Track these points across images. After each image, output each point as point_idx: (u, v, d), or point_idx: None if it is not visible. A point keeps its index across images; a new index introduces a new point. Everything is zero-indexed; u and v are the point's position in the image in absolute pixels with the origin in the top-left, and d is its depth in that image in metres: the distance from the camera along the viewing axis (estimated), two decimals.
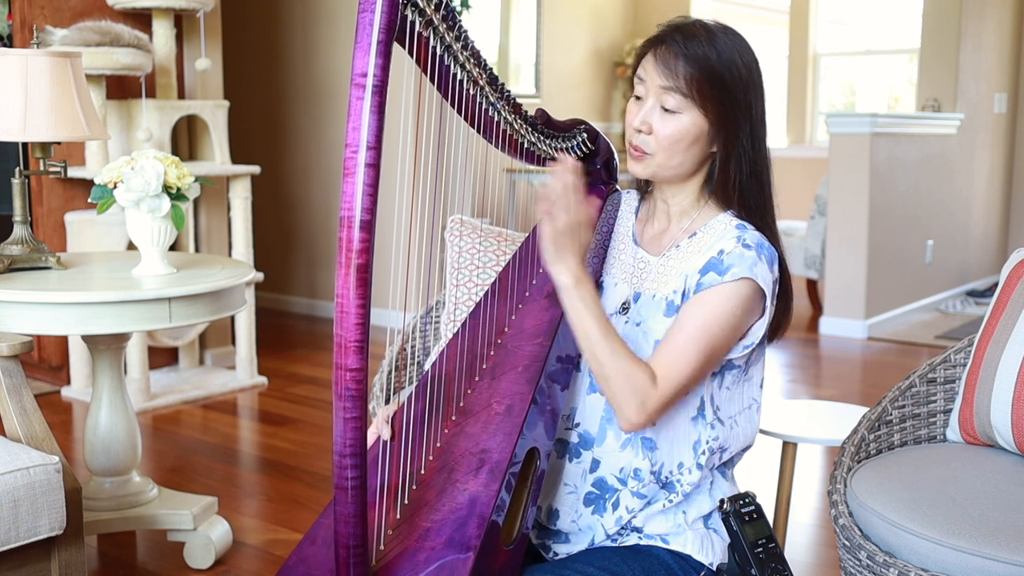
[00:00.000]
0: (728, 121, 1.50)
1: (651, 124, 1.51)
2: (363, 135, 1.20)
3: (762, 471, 3.16)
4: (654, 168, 1.54)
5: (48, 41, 3.91)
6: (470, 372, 1.57)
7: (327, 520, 1.42)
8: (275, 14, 5.99)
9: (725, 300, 1.47)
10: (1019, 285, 1.98)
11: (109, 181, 2.44)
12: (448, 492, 1.39)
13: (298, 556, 1.41)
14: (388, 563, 1.34)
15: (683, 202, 1.59)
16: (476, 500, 1.36)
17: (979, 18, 6.51)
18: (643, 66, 1.53)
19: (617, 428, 1.53)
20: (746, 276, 1.46)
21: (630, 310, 1.57)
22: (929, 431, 2.06)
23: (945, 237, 6.40)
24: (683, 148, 1.51)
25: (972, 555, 1.59)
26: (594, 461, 1.55)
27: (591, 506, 1.54)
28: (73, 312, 2.28)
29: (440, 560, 1.31)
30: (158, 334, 4.31)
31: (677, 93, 1.48)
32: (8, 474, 1.85)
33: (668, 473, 1.53)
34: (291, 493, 3.19)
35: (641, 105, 1.52)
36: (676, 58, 1.48)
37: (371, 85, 1.19)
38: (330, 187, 5.87)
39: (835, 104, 9.29)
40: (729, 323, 1.47)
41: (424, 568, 1.31)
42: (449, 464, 1.44)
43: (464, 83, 1.43)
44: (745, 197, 1.55)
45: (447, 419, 1.52)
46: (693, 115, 1.49)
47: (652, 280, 1.57)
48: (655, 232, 1.63)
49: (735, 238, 1.50)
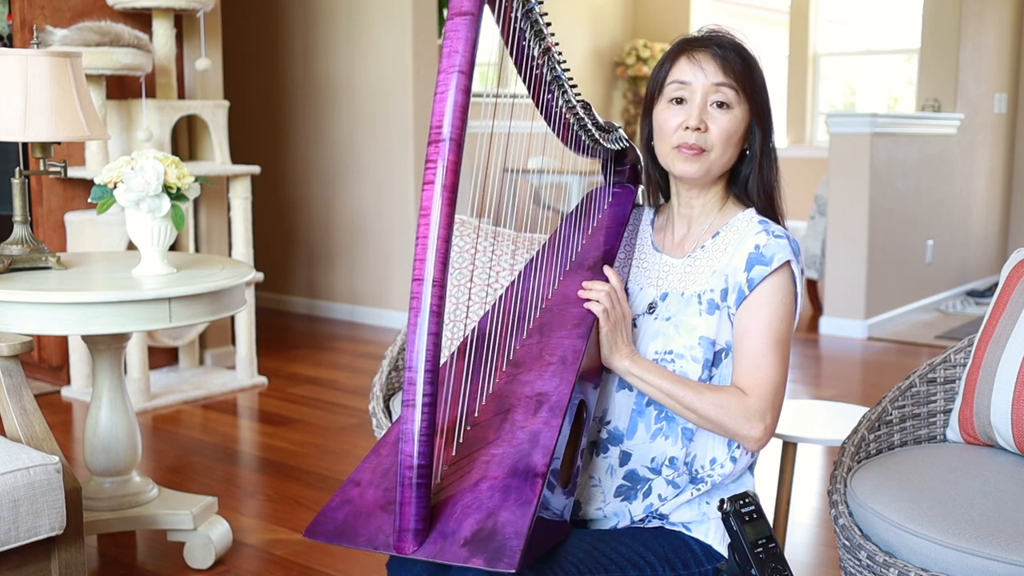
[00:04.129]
0: (764, 116, 1.59)
1: (706, 123, 1.56)
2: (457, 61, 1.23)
3: (762, 471, 3.16)
4: (709, 164, 1.59)
5: (48, 41, 3.91)
6: (518, 330, 1.59)
7: (370, 464, 1.41)
8: (275, 14, 5.99)
9: (774, 293, 1.55)
10: (1019, 285, 1.98)
11: (109, 181, 2.44)
12: (507, 429, 1.39)
13: (342, 498, 1.37)
14: (448, 494, 1.32)
15: (708, 203, 1.65)
16: (538, 435, 1.37)
17: (979, 18, 6.51)
18: (682, 68, 1.58)
19: (648, 419, 1.58)
20: (788, 259, 1.55)
21: (657, 308, 1.62)
22: (929, 431, 2.06)
23: (945, 237, 6.40)
24: (735, 142, 1.59)
25: (972, 555, 1.59)
26: (624, 454, 1.59)
27: (620, 495, 1.58)
28: (73, 312, 2.28)
29: (505, 488, 1.30)
30: (158, 334, 4.31)
31: (731, 88, 1.56)
32: (8, 474, 1.85)
33: (700, 467, 1.59)
34: (291, 493, 3.19)
35: (687, 107, 1.57)
36: (726, 52, 1.56)
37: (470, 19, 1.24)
38: (330, 187, 5.87)
39: (835, 104, 9.29)
40: (785, 313, 1.56)
41: (488, 496, 1.30)
42: (504, 407, 1.44)
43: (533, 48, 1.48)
44: (767, 189, 1.63)
45: (497, 371, 1.53)
46: (743, 108, 1.57)
47: (679, 280, 1.63)
48: (677, 238, 1.68)
49: (763, 231, 1.58)
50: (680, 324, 1.58)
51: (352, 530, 1.32)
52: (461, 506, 1.30)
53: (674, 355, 1.58)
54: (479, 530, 1.26)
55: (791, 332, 1.58)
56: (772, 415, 1.53)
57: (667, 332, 1.58)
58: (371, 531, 1.31)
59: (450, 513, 1.29)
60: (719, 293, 1.58)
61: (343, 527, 1.33)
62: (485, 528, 1.26)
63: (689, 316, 1.58)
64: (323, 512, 1.36)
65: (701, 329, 1.57)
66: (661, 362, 1.58)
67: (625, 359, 1.54)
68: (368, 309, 5.79)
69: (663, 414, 1.58)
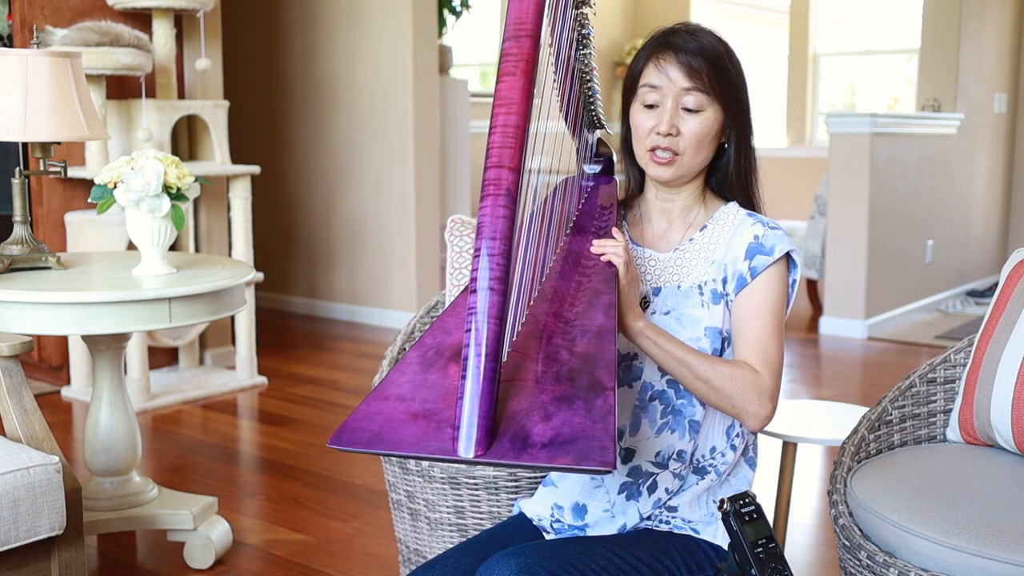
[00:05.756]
0: (739, 113, 1.59)
1: (678, 127, 1.56)
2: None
3: (762, 471, 3.16)
4: (682, 169, 1.59)
5: (48, 41, 3.91)
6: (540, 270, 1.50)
7: (396, 380, 1.23)
8: (275, 14, 5.99)
9: (776, 281, 1.57)
10: (1019, 285, 1.98)
11: (109, 181, 2.44)
12: (558, 349, 1.27)
13: (366, 412, 1.17)
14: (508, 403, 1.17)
15: (687, 199, 1.65)
16: (595, 356, 1.25)
17: (979, 18, 6.51)
18: (652, 73, 1.58)
19: (653, 414, 1.58)
20: (788, 249, 1.57)
21: (651, 304, 1.62)
22: (929, 431, 2.06)
23: (945, 237, 6.39)
24: (707, 143, 1.59)
25: (972, 555, 1.59)
26: (626, 451, 1.59)
27: (624, 492, 1.59)
28: (73, 312, 2.28)
29: (575, 399, 1.17)
30: (158, 334, 4.31)
31: (699, 92, 1.55)
32: (8, 474, 1.85)
33: (700, 457, 1.60)
34: (291, 493, 3.19)
35: (659, 111, 1.57)
36: (695, 55, 1.55)
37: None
38: (330, 187, 5.87)
39: (835, 104, 9.29)
40: (784, 300, 1.59)
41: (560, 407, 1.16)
42: (547, 333, 1.32)
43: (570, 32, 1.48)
44: (748, 184, 1.64)
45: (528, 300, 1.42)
46: (714, 110, 1.56)
47: (670, 273, 1.63)
48: (658, 232, 1.68)
49: (759, 223, 1.60)
50: (682, 317, 1.58)
51: (394, 436, 1.13)
52: (526, 412, 1.14)
53: None
54: (556, 435, 1.12)
55: (785, 317, 1.61)
56: (777, 396, 1.56)
57: (669, 326, 1.58)
58: (416, 436, 1.13)
59: (515, 419, 1.13)
60: (720, 283, 1.59)
61: (379, 434, 1.14)
62: (562, 434, 1.12)
63: (691, 308, 1.58)
64: (350, 421, 1.16)
65: (706, 320, 1.57)
66: None
67: (640, 319, 1.49)
68: (368, 309, 5.79)
69: (668, 408, 1.58)
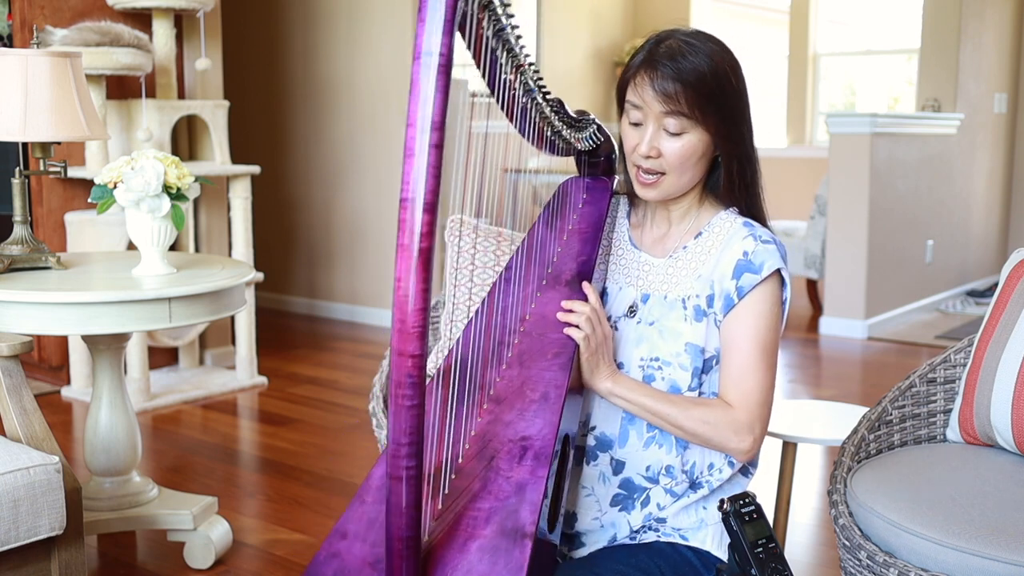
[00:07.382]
0: (729, 130, 1.53)
1: (659, 148, 1.52)
2: (429, 113, 1.16)
3: (762, 471, 3.15)
4: (668, 189, 1.56)
5: (48, 41, 3.91)
6: (497, 359, 1.55)
7: (356, 513, 1.39)
8: (275, 14, 5.99)
9: (763, 301, 1.53)
10: (1019, 285, 1.98)
11: (109, 181, 2.44)
12: (493, 480, 1.37)
13: (328, 551, 1.35)
14: (437, 555, 1.31)
15: (684, 205, 1.62)
16: (524, 487, 1.34)
17: (979, 18, 6.51)
18: (635, 92, 1.53)
19: (640, 427, 1.55)
20: (778, 266, 1.53)
21: (638, 311, 1.59)
22: (929, 431, 2.06)
23: (945, 237, 6.40)
24: (692, 164, 1.54)
25: (972, 555, 1.59)
26: (616, 463, 1.56)
27: (617, 505, 1.56)
28: (73, 312, 2.28)
29: (494, 549, 1.29)
30: (158, 334, 4.31)
31: (679, 116, 1.50)
32: (8, 474, 1.85)
33: (699, 473, 1.57)
34: (291, 493, 3.19)
35: (642, 131, 1.53)
36: (670, 81, 1.48)
37: (437, 64, 1.15)
38: (330, 187, 5.87)
39: (835, 104, 9.29)
40: (774, 322, 1.54)
41: (478, 560, 1.28)
42: (488, 452, 1.42)
43: (505, 66, 1.41)
44: (746, 195, 1.59)
45: (479, 407, 1.49)
46: (697, 132, 1.51)
47: (660, 281, 1.59)
48: (656, 236, 1.65)
49: (750, 236, 1.55)
50: (664, 329, 1.55)
51: None
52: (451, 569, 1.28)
53: (661, 362, 1.55)
54: None
55: (778, 339, 1.57)
56: (760, 426, 1.52)
57: (651, 338, 1.56)
58: None
59: None
60: (705, 300, 1.55)
61: None
62: None
63: (674, 321, 1.55)
64: (311, 565, 1.34)
65: (687, 335, 1.54)
66: (648, 369, 1.55)
67: (607, 380, 1.51)
68: (368, 309, 5.79)
69: None
